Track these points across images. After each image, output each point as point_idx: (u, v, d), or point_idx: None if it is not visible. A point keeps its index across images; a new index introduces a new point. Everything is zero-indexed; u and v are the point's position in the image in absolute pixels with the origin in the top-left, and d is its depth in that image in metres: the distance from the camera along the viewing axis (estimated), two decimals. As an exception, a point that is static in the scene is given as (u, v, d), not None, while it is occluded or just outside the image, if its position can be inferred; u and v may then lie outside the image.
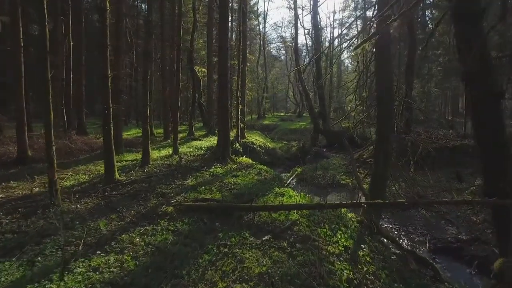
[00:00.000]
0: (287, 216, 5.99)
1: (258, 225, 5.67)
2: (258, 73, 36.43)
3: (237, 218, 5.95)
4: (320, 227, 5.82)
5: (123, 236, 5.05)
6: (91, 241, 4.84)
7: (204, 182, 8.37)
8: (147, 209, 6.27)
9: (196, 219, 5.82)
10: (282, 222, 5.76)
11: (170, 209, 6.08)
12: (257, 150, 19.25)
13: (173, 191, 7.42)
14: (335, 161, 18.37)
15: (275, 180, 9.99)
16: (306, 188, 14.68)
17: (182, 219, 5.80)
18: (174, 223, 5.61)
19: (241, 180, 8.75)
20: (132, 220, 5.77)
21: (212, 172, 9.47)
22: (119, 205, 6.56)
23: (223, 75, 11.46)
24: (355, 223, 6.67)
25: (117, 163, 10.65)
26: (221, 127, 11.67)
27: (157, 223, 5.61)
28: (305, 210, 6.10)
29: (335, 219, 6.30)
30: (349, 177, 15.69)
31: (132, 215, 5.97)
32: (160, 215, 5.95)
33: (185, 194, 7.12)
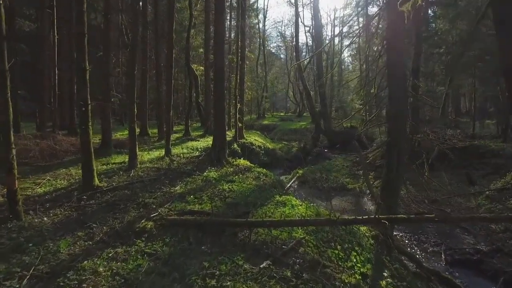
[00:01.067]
0: (290, 233, 4.91)
1: (255, 245, 4.57)
2: (257, 72, 35.33)
3: (230, 236, 4.85)
4: (330, 247, 4.73)
5: (86, 262, 3.95)
6: (42, 271, 3.74)
7: (195, 189, 7.27)
8: (123, 224, 5.17)
9: (181, 237, 4.72)
10: (284, 242, 4.67)
11: (150, 225, 4.99)
12: (256, 151, 18.16)
13: (157, 200, 6.31)
14: (338, 162, 17.26)
15: (275, 186, 8.89)
16: (308, 192, 13.62)
17: (163, 237, 4.70)
18: (152, 244, 4.51)
19: (237, 186, 7.64)
20: (102, 239, 4.68)
21: (205, 177, 8.37)
22: (92, 218, 5.47)
23: (220, 70, 10.37)
24: (370, 240, 5.59)
25: (103, 166, 9.59)
26: (216, 126, 10.58)
27: (132, 244, 4.52)
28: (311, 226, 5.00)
29: (347, 236, 5.21)
30: (354, 180, 14.61)
31: (103, 233, 4.87)
32: (138, 232, 4.85)
33: (170, 204, 6.02)
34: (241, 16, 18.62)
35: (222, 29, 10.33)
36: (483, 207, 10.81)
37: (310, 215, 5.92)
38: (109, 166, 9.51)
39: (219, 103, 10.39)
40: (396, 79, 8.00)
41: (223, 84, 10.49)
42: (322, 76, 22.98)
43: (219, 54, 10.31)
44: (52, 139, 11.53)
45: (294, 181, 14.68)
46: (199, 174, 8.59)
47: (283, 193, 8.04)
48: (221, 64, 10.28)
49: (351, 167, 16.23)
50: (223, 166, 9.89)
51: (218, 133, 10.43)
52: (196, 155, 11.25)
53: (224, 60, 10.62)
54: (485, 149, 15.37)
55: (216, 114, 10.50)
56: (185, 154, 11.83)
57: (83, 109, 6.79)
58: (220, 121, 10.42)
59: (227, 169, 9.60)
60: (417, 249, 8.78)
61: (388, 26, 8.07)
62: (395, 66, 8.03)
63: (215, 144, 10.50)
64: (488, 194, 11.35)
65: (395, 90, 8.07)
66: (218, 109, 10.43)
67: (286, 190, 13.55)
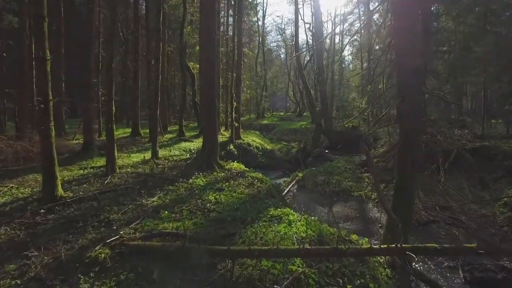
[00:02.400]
0: (285, 264, 3.72)
1: (238, 283, 3.39)
2: (257, 70, 34.10)
3: (208, 268, 3.67)
4: (337, 284, 3.54)
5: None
6: None
7: (176, 200, 6.08)
8: (73, 251, 3.99)
9: (141, 272, 3.54)
10: (277, 278, 3.49)
11: (106, 253, 3.80)
12: (254, 152, 16.97)
13: (126, 216, 5.11)
14: (340, 164, 16.02)
15: (271, 193, 7.69)
16: (308, 197, 12.42)
17: (118, 272, 3.51)
18: (101, 283, 3.33)
19: (225, 196, 6.44)
20: (38, 275, 3.49)
21: (190, 184, 7.17)
22: (40, 241, 4.29)
23: (209, 63, 9.17)
24: (386, 269, 4.39)
25: (79, 171, 8.41)
26: (206, 127, 9.40)
27: (74, 283, 3.34)
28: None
29: (358, 266, 4.02)
30: (358, 183, 13.39)
31: (43, 265, 3.69)
32: (87, 264, 3.66)
33: (139, 222, 4.83)
34: (238, 9, 17.42)
35: (212, 19, 9.11)
36: (502, 216, 9.60)
37: (311, 235, 4.72)
38: (86, 171, 8.33)
39: (209, 101, 9.20)
40: (409, 72, 6.79)
41: (214, 80, 9.30)
42: (323, 74, 21.71)
43: (209, 47, 9.11)
44: (28, 141, 10.36)
45: (293, 185, 13.48)
46: (183, 181, 7.39)
47: (279, 204, 6.83)
48: (211, 58, 9.09)
49: (354, 170, 15.01)
50: (213, 171, 8.70)
51: (208, 134, 9.24)
52: (186, 158, 10.06)
53: (215, 55, 9.42)
54: (497, 150, 14.07)
55: (206, 114, 9.31)
56: (174, 157, 10.65)
57: (42, 106, 5.61)
58: (210, 121, 9.23)
59: (217, 174, 8.41)
60: (431, 263, 7.60)
61: (395, 11, 6.87)
62: (407, 56, 6.81)
63: (205, 146, 9.31)
64: (507, 200, 10.13)
65: (408, 84, 6.86)
66: (208, 107, 9.24)
67: (284, 195, 12.39)
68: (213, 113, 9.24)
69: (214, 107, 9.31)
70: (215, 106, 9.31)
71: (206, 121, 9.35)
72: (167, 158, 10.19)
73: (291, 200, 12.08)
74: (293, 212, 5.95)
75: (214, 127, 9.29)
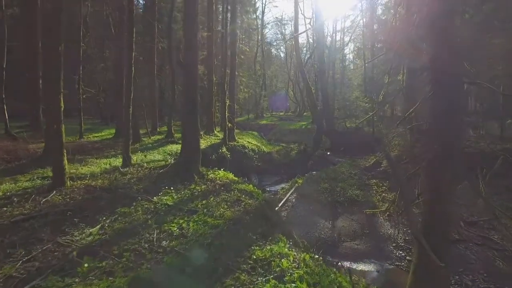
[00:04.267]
0: None
1: None
2: (255, 69, 32.20)
3: None
4: None
5: None
6: None
7: (123, 232, 4.20)
8: None
9: None
10: None
11: None
12: (249, 155, 15.10)
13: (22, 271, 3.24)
14: (344, 168, 14.10)
15: (262, 214, 5.81)
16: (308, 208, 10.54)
17: None
18: None
19: (196, 224, 4.56)
20: None
21: (154, 204, 5.30)
22: None
23: (191, 51, 7.31)
24: None
25: (25, 183, 6.54)
26: (186, 129, 7.53)
27: None
28: None
29: None
30: (364, 191, 11.50)
31: None
32: None
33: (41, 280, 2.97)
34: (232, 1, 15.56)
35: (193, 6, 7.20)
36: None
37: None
38: (32, 183, 6.46)
39: (189, 98, 7.34)
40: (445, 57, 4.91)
41: (195, 73, 7.42)
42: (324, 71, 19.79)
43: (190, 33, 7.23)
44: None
45: (292, 193, 11.60)
46: (147, 199, 5.52)
47: (272, 232, 4.93)
48: (193, 45, 7.22)
49: (360, 175, 13.12)
50: (192, 183, 6.83)
51: (188, 138, 7.37)
52: (163, 165, 8.18)
53: (197, 41, 7.55)
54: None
55: (185, 114, 7.45)
56: (150, 163, 8.79)
57: None
58: (191, 122, 7.34)
59: (195, 187, 6.53)
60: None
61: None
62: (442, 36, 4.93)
63: (183, 152, 7.45)
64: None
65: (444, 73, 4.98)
66: (188, 107, 7.37)
67: (281, 205, 10.52)
68: (194, 113, 7.37)
69: (195, 107, 7.43)
70: (196, 105, 7.43)
71: (186, 123, 7.47)
72: (141, 165, 8.33)
73: (288, 212, 10.21)
74: (288, 250, 4.05)
75: (195, 129, 7.41)
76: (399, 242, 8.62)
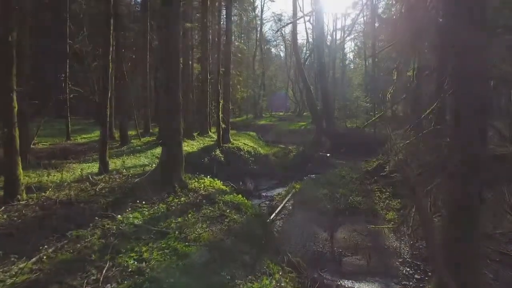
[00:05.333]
0: None
1: None
2: (254, 68, 31.18)
3: None
4: None
5: None
6: None
7: (66, 263, 3.25)
8: None
9: None
10: None
11: None
12: (245, 158, 14.12)
13: None
14: (344, 172, 13.07)
15: (250, 234, 4.86)
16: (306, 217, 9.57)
17: None
18: None
19: (161, 253, 3.59)
20: None
21: (119, 223, 4.35)
22: None
23: (171, 39, 6.34)
24: None
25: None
26: (165, 132, 6.60)
27: None
28: None
29: None
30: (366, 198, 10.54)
31: None
32: None
33: None
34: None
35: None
36: None
37: None
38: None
39: (170, 95, 6.38)
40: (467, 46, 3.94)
41: (177, 62, 6.44)
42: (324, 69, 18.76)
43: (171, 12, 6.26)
44: None
45: (289, 200, 10.63)
46: (111, 216, 4.58)
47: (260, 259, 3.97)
48: (174, 26, 6.24)
49: (361, 180, 12.10)
50: (172, 194, 5.88)
51: (168, 142, 6.42)
52: (142, 173, 7.23)
53: (179, 21, 6.59)
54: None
55: (165, 114, 6.49)
56: (131, 170, 7.86)
57: None
58: (171, 125, 6.38)
59: (173, 200, 5.58)
60: None
61: None
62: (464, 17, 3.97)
63: (162, 159, 6.50)
64: None
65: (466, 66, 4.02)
66: (168, 105, 6.41)
67: (277, 214, 9.57)
68: (175, 114, 6.41)
69: (177, 106, 6.47)
70: (178, 104, 6.47)
71: (166, 125, 6.52)
72: (119, 172, 7.38)
73: (284, 221, 9.23)
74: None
75: (175, 132, 6.44)
76: (406, 257, 7.60)
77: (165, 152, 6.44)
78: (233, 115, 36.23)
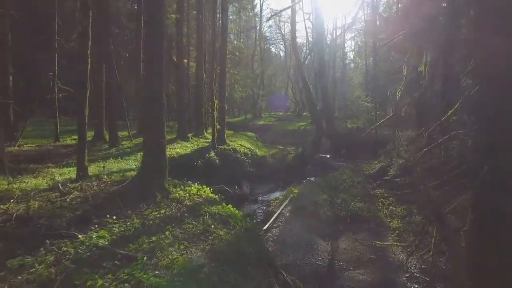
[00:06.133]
0: None
1: None
2: (253, 68, 30.39)
3: None
4: None
5: None
6: None
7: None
8: None
9: None
10: None
11: None
12: (241, 160, 13.36)
13: None
14: (346, 175, 12.28)
15: (235, 256, 4.10)
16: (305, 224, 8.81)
17: None
18: None
19: None
20: None
21: (79, 244, 3.61)
22: None
23: (154, 23, 5.59)
24: None
25: None
26: (146, 133, 5.85)
27: None
28: None
29: None
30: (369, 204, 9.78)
31: None
32: None
33: None
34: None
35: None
36: None
37: None
38: None
39: (151, 91, 5.63)
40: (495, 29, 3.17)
41: (160, 56, 5.69)
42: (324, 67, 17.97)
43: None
44: None
45: (287, 205, 9.87)
46: (73, 235, 3.83)
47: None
48: (157, 14, 5.49)
49: (363, 184, 11.30)
50: (152, 205, 5.14)
51: (149, 145, 5.67)
52: (122, 180, 6.47)
53: (163, 8, 5.83)
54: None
55: (147, 116, 5.74)
56: (113, 175, 7.11)
57: None
58: (153, 127, 5.62)
59: (151, 213, 4.82)
60: None
61: None
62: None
63: (143, 165, 5.75)
64: None
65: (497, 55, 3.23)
66: (150, 106, 5.66)
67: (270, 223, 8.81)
68: (157, 113, 5.65)
69: (160, 105, 5.71)
70: (161, 102, 5.71)
71: (147, 125, 5.77)
72: (99, 178, 6.62)
73: (281, 230, 8.44)
74: None
75: (158, 133, 5.69)
76: (413, 271, 6.79)
77: (147, 156, 5.69)
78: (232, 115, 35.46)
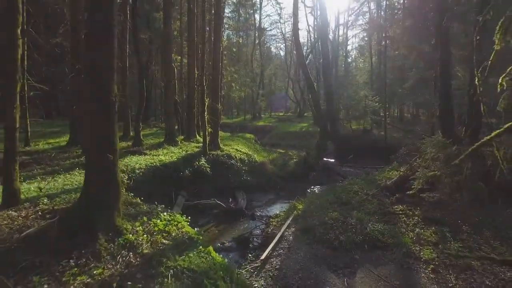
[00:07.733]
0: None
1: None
2: (252, 67, 28.48)
3: None
4: None
5: None
6: None
7: None
8: None
9: None
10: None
11: None
12: (236, 167, 11.43)
13: None
14: (356, 186, 10.25)
15: None
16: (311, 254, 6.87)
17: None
18: None
19: None
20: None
21: None
22: None
23: (100, 12, 3.75)
24: None
25: None
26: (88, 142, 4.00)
27: None
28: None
29: None
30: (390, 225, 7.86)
31: None
32: None
33: None
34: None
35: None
36: None
37: None
38: None
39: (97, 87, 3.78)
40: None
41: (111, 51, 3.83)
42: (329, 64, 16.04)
43: None
44: None
45: (289, 226, 7.94)
46: None
47: None
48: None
49: (379, 197, 9.35)
50: (87, 255, 3.28)
51: (93, 158, 3.81)
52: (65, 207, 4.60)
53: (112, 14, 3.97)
54: None
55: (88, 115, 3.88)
56: (64, 196, 5.24)
57: None
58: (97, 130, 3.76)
59: (78, 276, 2.97)
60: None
61: None
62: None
63: (85, 189, 3.89)
64: None
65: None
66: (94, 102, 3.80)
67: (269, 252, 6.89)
68: (104, 115, 3.79)
69: (110, 104, 3.85)
70: (109, 102, 3.84)
71: (91, 131, 3.90)
72: (37, 204, 4.74)
73: (282, 260, 6.44)
74: None
75: (105, 142, 3.82)
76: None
77: (89, 175, 3.81)
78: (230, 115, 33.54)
